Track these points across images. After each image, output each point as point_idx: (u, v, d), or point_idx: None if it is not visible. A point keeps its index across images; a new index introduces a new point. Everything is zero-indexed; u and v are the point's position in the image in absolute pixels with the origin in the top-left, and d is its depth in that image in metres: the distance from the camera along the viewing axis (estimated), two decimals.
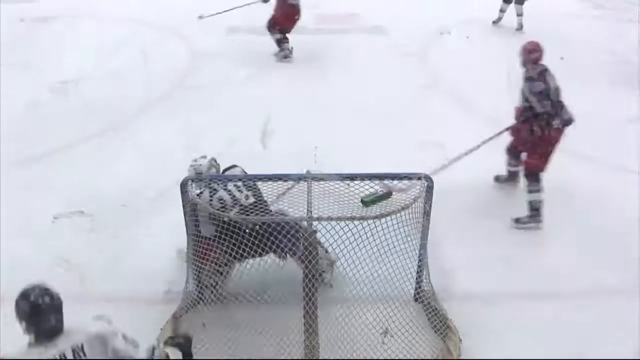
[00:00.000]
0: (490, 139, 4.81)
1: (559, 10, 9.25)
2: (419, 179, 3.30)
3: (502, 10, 8.57)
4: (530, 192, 4.52)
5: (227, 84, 6.83)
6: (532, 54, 4.59)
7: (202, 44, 8.02)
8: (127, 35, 8.19)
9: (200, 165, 3.77)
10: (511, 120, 4.88)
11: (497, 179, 5.08)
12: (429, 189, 3.30)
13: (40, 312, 2.20)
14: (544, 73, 4.56)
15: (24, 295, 2.26)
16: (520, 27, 8.36)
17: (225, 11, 7.58)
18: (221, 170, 3.84)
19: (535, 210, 4.49)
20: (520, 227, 4.51)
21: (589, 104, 6.42)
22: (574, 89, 6.76)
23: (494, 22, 8.64)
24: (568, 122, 4.55)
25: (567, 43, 7.92)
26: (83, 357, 2.24)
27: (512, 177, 5.00)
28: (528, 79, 4.55)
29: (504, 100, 6.51)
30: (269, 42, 8.12)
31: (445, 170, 4.97)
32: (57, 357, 2.19)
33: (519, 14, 8.41)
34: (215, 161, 3.83)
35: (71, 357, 2.21)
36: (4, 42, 7.75)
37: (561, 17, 9.02)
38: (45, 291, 2.26)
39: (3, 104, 6.21)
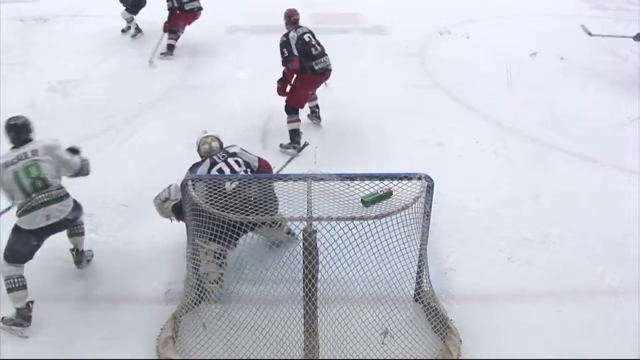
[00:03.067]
0: None
1: (559, 10, 9.26)
2: (419, 179, 3.30)
3: (128, 21, 8.30)
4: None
5: (227, 84, 6.84)
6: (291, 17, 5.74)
7: (202, 44, 8.02)
8: (127, 35, 8.20)
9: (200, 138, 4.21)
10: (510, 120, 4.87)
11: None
12: (429, 189, 3.30)
13: (12, 128, 3.72)
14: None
15: (7, 120, 3.75)
16: (133, 33, 8.23)
17: None
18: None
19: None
20: (282, 150, 5.57)
21: (589, 104, 6.45)
22: (574, 89, 6.83)
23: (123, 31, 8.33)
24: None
25: (567, 43, 7.94)
26: (36, 156, 3.65)
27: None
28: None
29: (504, 100, 6.56)
30: (269, 42, 8.12)
31: (446, 170, 4.99)
32: (22, 153, 3.65)
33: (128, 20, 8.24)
34: (217, 137, 4.21)
35: (30, 155, 3.64)
36: (4, 42, 7.76)
37: (561, 17, 9.03)
38: (17, 117, 3.78)
39: (3, 104, 6.20)
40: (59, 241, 4.27)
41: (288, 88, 5.65)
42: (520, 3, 9.51)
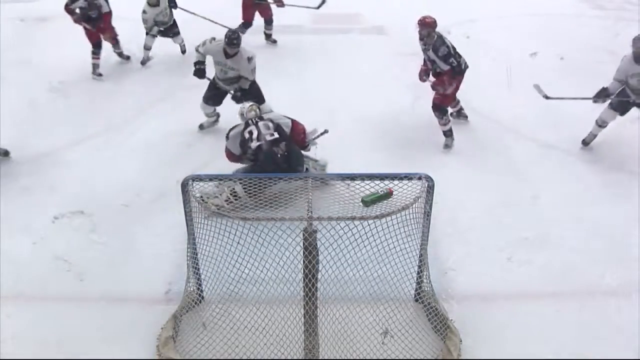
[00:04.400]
0: None
1: (559, 10, 9.25)
2: (420, 179, 3.30)
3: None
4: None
5: None
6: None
7: None
8: (127, 35, 8.19)
9: (244, 108, 4.96)
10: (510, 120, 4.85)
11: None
12: (430, 189, 3.30)
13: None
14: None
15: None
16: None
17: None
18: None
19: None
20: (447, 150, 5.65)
21: (589, 104, 6.44)
22: (574, 89, 6.81)
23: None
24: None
25: (567, 43, 7.93)
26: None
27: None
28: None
29: (504, 100, 6.55)
30: (269, 43, 8.14)
31: (446, 170, 4.99)
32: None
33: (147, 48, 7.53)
34: (257, 106, 5.02)
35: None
36: (4, 42, 7.75)
37: (561, 17, 9.03)
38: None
39: (3, 104, 6.21)
40: (59, 246, 4.29)
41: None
42: (520, 3, 9.49)
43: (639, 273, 4.00)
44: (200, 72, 5.73)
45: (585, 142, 5.60)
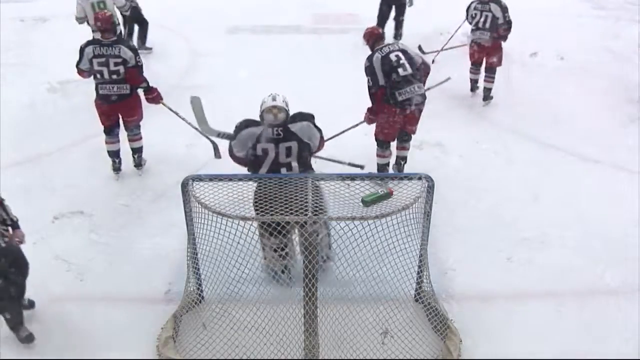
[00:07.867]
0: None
1: (559, 11, 9.26)
2: (420, 179, 3.30)
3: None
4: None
5: (227, 84, 6.83)
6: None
7: (202, 44, 8.02)
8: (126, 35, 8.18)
9: (265, 102, 3.94)
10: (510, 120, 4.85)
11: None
12: (430, 189, 3.31)
13: None
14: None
15: None
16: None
17: None
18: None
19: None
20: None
21: (589, 104, 6.45)
22: (574, 89, 6.83)
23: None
24: None
25: (567, 43, 7.93)
26: None
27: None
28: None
29: (504, 100, 6.56)
30: (269, 43, 8.14)
31: (446, 170, 4.99)
32: None
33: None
34: (284, 107, 3.91)
35: None
36: (4, 42, 7.76)
37: (561, 17, 9.03)
38: None
39: (3, 104, 6.21)
40: (59, 246, 4.29)
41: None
42: (521, 3, 9.48)
43: (639, 273, 4.01)
44: None
45: None
